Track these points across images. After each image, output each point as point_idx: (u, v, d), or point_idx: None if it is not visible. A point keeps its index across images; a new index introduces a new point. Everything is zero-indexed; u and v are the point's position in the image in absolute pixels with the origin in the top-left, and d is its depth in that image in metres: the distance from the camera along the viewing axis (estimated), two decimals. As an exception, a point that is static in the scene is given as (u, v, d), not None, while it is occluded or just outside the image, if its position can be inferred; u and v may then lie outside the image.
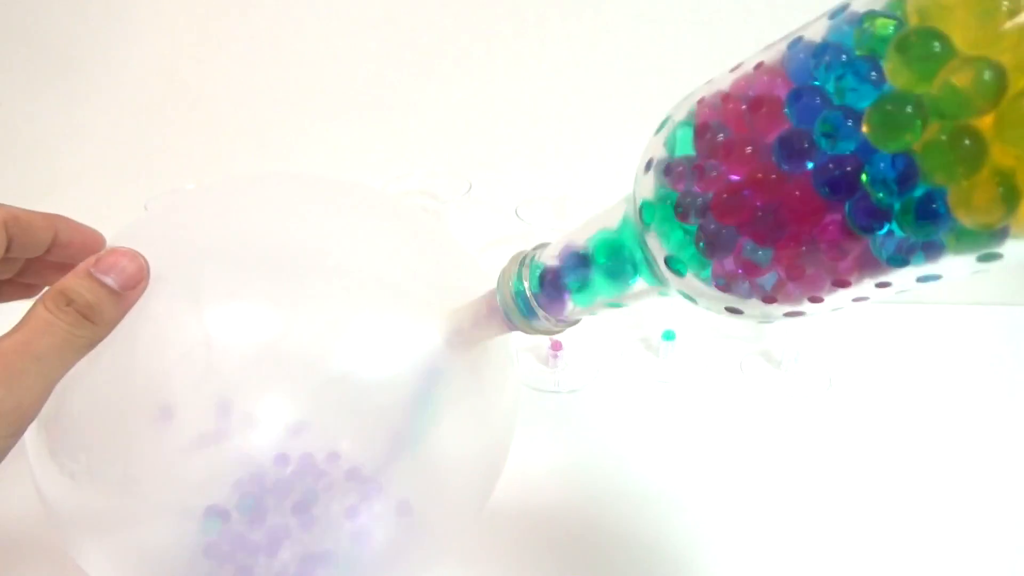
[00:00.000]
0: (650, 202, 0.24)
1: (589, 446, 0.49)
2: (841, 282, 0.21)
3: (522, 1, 0.56)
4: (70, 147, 0.65)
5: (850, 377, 0.55)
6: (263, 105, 0.62)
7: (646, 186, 0.24)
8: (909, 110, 0.17)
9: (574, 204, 0.52)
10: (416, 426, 0.30)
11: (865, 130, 0.18)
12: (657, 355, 0.57)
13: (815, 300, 0.22)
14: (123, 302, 0.27)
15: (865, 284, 0.21)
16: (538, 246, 0.29)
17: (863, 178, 0.19)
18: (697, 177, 0.22)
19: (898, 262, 0.20)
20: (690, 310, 0.25)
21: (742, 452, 0.48)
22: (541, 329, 0.29)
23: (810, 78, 0.20)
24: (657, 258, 0.24)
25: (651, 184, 0.24)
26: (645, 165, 0.24)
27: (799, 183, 0.20)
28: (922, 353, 0.58)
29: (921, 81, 0.17)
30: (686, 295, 0.25)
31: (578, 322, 0.29)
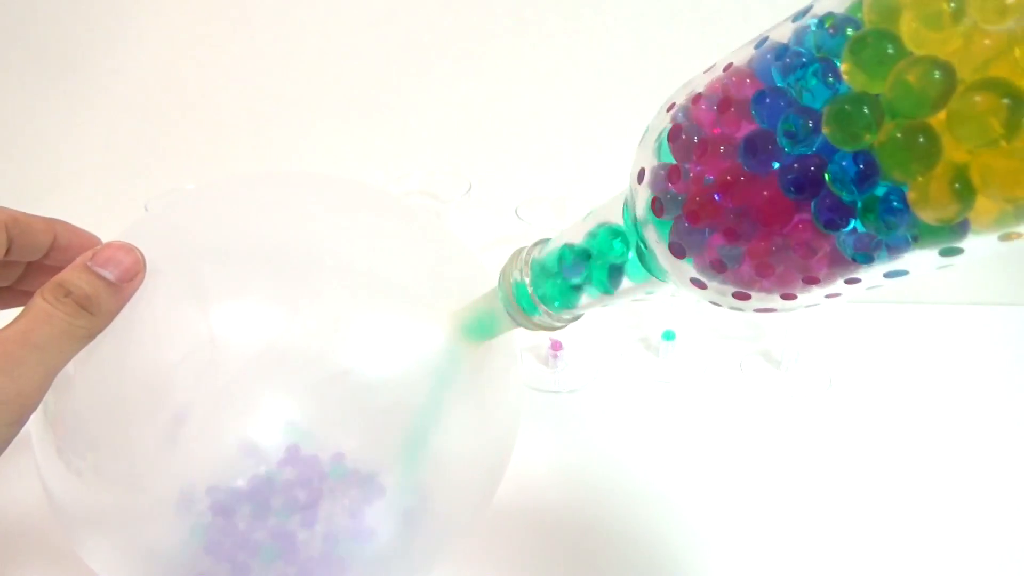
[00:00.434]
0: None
1: (589, 446, 0.49)
2: (812, 279, 0.21)
3: (522, 1, 0.56)
4: (70, 147, 0.65)
5: (850, 377, 0.55)
6: (263, 105, 0.62)
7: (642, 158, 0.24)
8: (866, 111, 0.18)
9: (574, 204, 0.52)
10: (420, 425, 0.30)
11: (825, 131, 0.19)
12: (657, 355, 0.57)
13: (788, 297, 0.22)
14: (120, 294, 0.27)
15: (836, 281, 0.21)
16: (538, 242, 0.30)
17: (826, 177, 0.19)
18: (672, 178, 0.22)
19: (864, 259, 0.20)
20: (690, 310, 0.25)
21: (742, 452, 0.48)
22: (543, 325, 0.29)
23: (774, 79, 0.20)
24: (656, 251, 0.24)
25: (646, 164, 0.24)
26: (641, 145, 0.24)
27: (767, 183, 0.20)
28: (922, 353, 0.58)
29: (876, 82, 0.17)
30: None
31: (580, 317, 0.29)
